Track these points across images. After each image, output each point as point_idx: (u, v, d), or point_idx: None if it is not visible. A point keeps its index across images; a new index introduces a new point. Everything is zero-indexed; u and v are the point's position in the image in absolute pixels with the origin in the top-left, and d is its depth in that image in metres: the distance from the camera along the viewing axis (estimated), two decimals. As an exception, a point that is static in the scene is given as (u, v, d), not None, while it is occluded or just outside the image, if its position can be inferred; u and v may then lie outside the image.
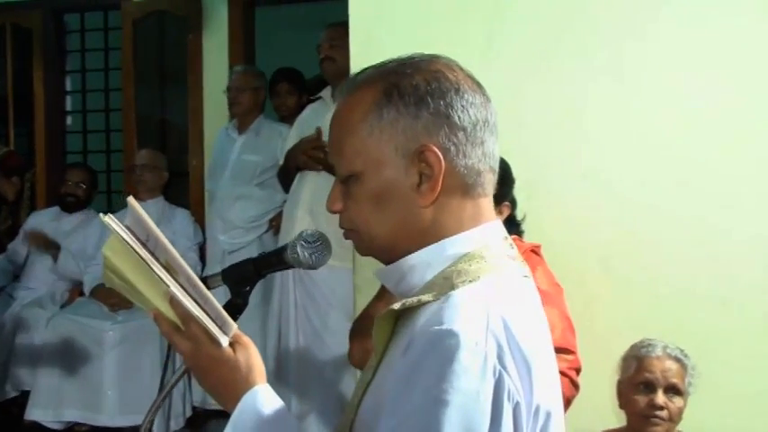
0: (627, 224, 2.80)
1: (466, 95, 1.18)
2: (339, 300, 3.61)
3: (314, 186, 3.72)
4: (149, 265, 1.18)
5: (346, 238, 1.25)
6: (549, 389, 1.13)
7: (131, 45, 5.90)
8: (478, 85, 1.22)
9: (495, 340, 1.07)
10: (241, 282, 1.35)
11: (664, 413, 2.41)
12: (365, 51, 2.84)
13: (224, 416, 1.22)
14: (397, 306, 1.15)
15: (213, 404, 4.83)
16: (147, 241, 1.21)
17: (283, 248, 1.35)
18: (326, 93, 3.94)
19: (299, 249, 1.33)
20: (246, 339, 1.24)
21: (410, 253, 1.19)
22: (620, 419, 2.58)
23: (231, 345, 1.22)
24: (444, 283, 1.14)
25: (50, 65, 6.14)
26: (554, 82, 2.82)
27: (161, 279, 1.18)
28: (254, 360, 1.22)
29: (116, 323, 4.76)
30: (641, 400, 2.44)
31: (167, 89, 6.20)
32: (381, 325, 1.18)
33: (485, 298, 1.11)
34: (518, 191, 2.59)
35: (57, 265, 5.19)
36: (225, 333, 1.21)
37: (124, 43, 5.93)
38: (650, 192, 2.80)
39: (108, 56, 6.33)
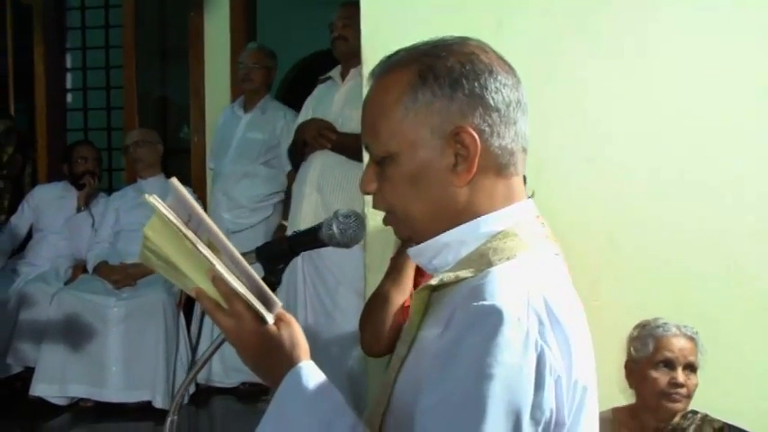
0: (633, 205, 2.83)
1: (499, 77, 1.20)
2: (348, 277, 3.65)
3: (322, 164, 3.76)
4: (194, 244, 1.18)
5: (386, 224, 1.27)
6: (585, 364, 1.15)
7: (132, 22, 5.90)
8: (510, 66, 1.24)
9: (536, 316, 1.09)
10: (275, 259, 1.37)
11: (684, 390, 2.48)
12: (375, 35, 2.85)
13: (227, 393, 1.22)
14: (434, 281, 1.17)
15: (217, 381, 4.89)
16: (189, 221, 1.22)
17: (318, 226, 1.37)
18: (336, 72, 3.95)
19: (334, 227, 1.35)
20: (289, 317, 1.25)
21: (444, 231, 1.21)
22: (626, 397, 2.62)
23: (275, 322, 1.23)
24: (481, 260, 1.16)
25: (51, 42, 6.12)
26: (562, 67, 2.84)
27: (205, 257, 1.18)
28: (297, 337, 1.23)
29: (120, 299, 4.79)
30: (662, 378, 2.49)
31: (168, 67, 6.20)
32: (417, 300, 1.20)
33: (523, 275, 1.14)
34: (526, 172, 2.61)
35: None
36: (269, 310, 1.22)
37: (125, 20, 5.94)
38: (656, 173, 2.83)
39: (109, 33, 6.30)
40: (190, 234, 1.19)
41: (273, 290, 1.37)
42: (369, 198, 1.29)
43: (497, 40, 1.29)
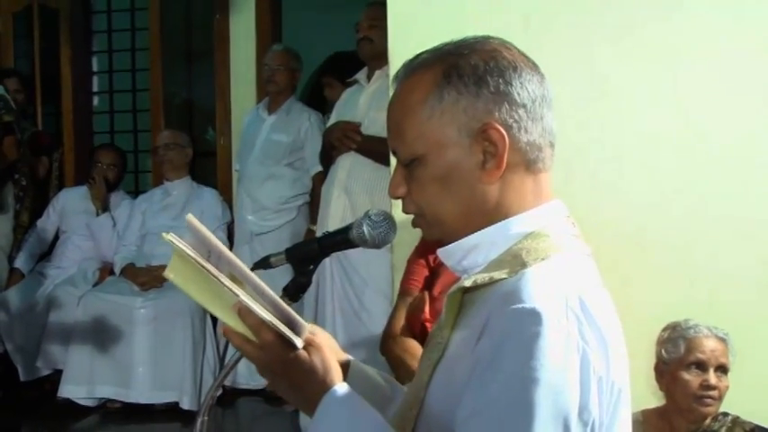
0: (662, 205, 2.80)
1: (524, 73, 1.20)
2: (374, 278, 3.65)
3: (349, 167, 3.77)
4: (217, 278, 1.16)
5: (414, 226, 1.26)
6: (621, 365, 1.14)
7: (158, 25, 5.93)
8: (534, 63, 1.24)
9: (575, 317, 1.08)
10: (305, 260, 1.36)
11: (715, 393, 2.45)
12: (402, 34, 2.85)
13: (252, 394, 1.22)
14: (467, 283, 1.16)
15: (243, 383, 4.90)
16: (209, 257, 1.21)
17: (348, 227, 1.36)
18: (362, 75, 3.95)
19: (364, 228, 1.34)
20: (319, 341, 1.23)
21: (475, 232, 1.20)
22: (656, 399, 2.60)
23: (304, 348, 1.21)
24: (515, 261, 1.15)
25: (78, 45, 6.16)
26: (590, 63, 2.83)
27: (229, 290, 1.16)
28: (329, 360, 1.21)
29: (147, 301, 4.83)
30: (694, 380, 2.46)
31: (194, 69, 6.22)
32: (450, 302, 1.19)
33: (559, 276, 1.13)
34: (554, 172, 2.59)
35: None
36: (298, 335, 1.20)
37: (151, 23, 5.96)
38: (686, 173, 2.80)
39: (135, 36, 6.34)
40: (212, 268, 1.17)
41: (303, 290, 1.37)
42: (397, 201, 1.28)
43: (525, 39, 1.28)
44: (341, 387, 1.20)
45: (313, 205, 4.66)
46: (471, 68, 1.18)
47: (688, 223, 2.80)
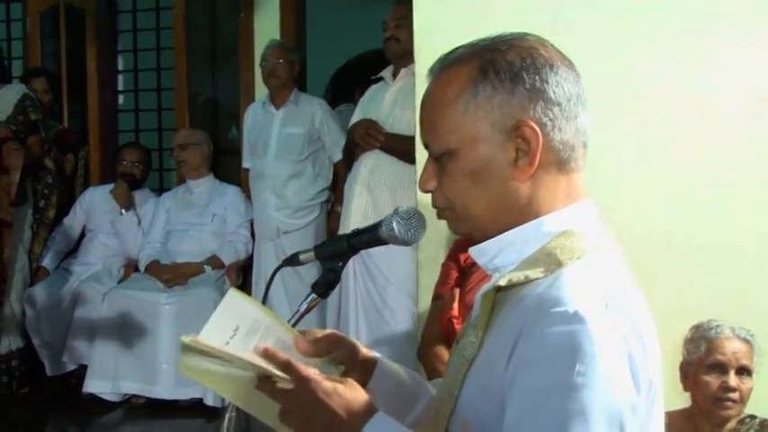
0: (690, 205, 2.79)
1: (560, 71, 1.19)
2: (397, 276, 3.65)
3: (372, 164, 3.78)
4: (229, 357, 1.18)
5: (440, 218, 1.26)
6: (656, 365, 1.14)
7: (183, 24, 5.95)
8: (570, 61, 1.23)
9: (616, 318, 1.08)
10: (334, 257, 1.37)
11: (736, 395, 2.41)
12: (428, 34, 2.85)
13: None
14: (503, 282, 1.15)
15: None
16: (236, 331, 1.22)
17: (378, 224, 1.36)
18: (387, 72, 3.96)
19: (394, 225, 1.34)
20: (351, 380, 1.21)
21: (506, 230, 1.20)
22: (682, 401, 2.58)
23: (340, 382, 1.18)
24: (549, 260, 1.15)
25: (103, 45, 6.20)
26: (617, 61, 2.82)
27: (250, 364, 1.18)
28: (364, 394, 1.18)
29: (171, 297, 4.84)
30: (713, 382, 2.43)
31: (218, 68, 6.25)
32: (485, 301, 1.18)
33: (597, 276, 1.12)
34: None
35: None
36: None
37: (176, 22, 5.99)
38: (713, 172, 2.79)
39: (159, 35, 6.38)
40: (225, 350, 1.19)
41: (332, 287, 1.37)
42: (420, 198, 1.28)
43: (551, 36, 1.28)
44: (381, 415, 1.16)
45: (337, 191, 4.67)
46: (507, 65, 1.18)
47: (714, 223, 2.79)
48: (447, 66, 1.23)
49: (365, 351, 1.37)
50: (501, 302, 1.17)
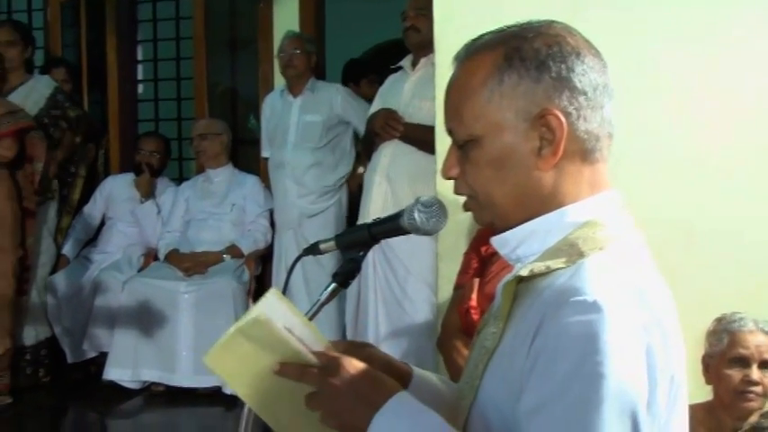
0: (713, 196, 2.77)
1: (586, 59, 1.18)
2: (417, 267, 3.65)
3: (392, 154, 3.78)
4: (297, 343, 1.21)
5: (465, 209, 1.25)
6: (679, 358, 1.12)
7: (202, 14, 5.96)
8: (596, 50, 1.22)
9: (636, 309, 1.07)
10: (355, 247, 1.37)
11: (758, 389, 2.39)
12: (448, 23, 2.84)
13: None
14: (524, 272, 1.15)
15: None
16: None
17: (399, 214, 1.35)
18: (407, 62, 3.95)
19: (416, 215, 1.33)
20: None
21: (529, 219, 1.19)
22: (704, 394, 2.56)
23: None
24: (571, 250, 1.14)
25: (123, 34, 6.22)
26: (639, 54, 2.80)
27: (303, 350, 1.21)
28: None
29: (191, 286, 4.87)
30: (735, 375, 2.42)
31: (238, 57, 6.26)
32: (506, 292, 1.17)
33: (618, 266, 1.11)
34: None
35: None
36: None
37: (195, 12, 6.00)
38: (735, 162, 2.77)
39: (179, 25, 6.38)
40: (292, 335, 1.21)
41: (353, 277, 1.37)
42: (440, 188, 1.28)
43: (572, 26, 1.27)
44: (403, 393, 1.19)
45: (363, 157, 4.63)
46: (534, 52, 1.17)
47: (736, 213, 2.77)
48: (473, 52, 1.22)
49: (399, 363, 1.37)
50: (522, 293, 1.17)
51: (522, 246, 1.21)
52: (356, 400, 1.16)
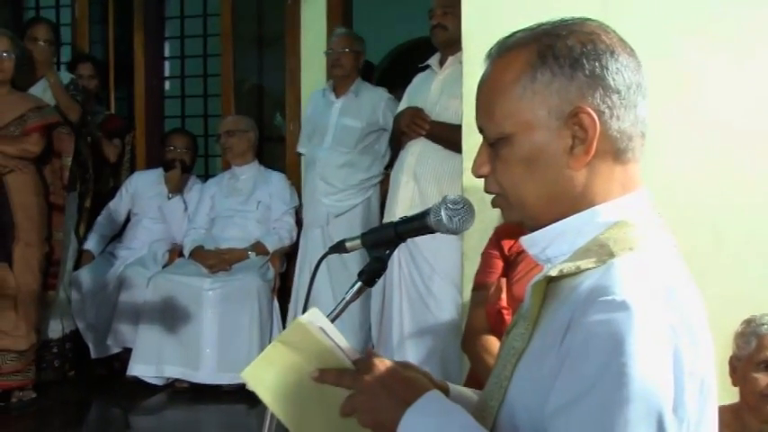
0: (738, 197, 2.74)
1: (620, 58, 1.16)
2: (442, 266, 3.64)
3: (419, 153, 3.77)
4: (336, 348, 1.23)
5: (494, 206, 1.24)
6: (709, 360, 1.10)
7: (230, 11, 5.97)
8: (631, 48, 1.20)
9: (665, 311, 1.05)
10: (381, 245, 1.36)
11: None
12: (476, 21, 2.82)
13: None
14: (554, 272, 1.13)
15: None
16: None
17: (426, 213, 1.34)
18: (434, 60, 3.94)
19: (442, 213, 1.33)
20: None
21: (559, 218, 1.18)
22: (731, 395, 2.53)
23: None
24: (601, 251, 1.12)
25: (150, 31, 6.24)
26: (669, 51, 2.77)
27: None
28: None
29: (215, 283, 4.88)
30: (762, 379, 2.39)
31: (265, 55, 6.27)
32: (535, 292, 1.16)
33: (648, 267, 1.09)
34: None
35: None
36: None
37: (223, 9, 6.01)
38: (763, 164, 2.74)
39: (207, 22, 6.40)
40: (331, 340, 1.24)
41: (379, 276, 1.36)
42: (466, 187, 1.26)
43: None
44: (435, 391, 1.20)
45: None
46: (567, 50, 1.15)
47: (764, 215, 2.73)
48: (505, 50, 1.21)
49: (435, 380, 1.36)
50: (552, 293, 1.15)
51: (552, 246, 1.19)
52: (389, 396, 1.17)
